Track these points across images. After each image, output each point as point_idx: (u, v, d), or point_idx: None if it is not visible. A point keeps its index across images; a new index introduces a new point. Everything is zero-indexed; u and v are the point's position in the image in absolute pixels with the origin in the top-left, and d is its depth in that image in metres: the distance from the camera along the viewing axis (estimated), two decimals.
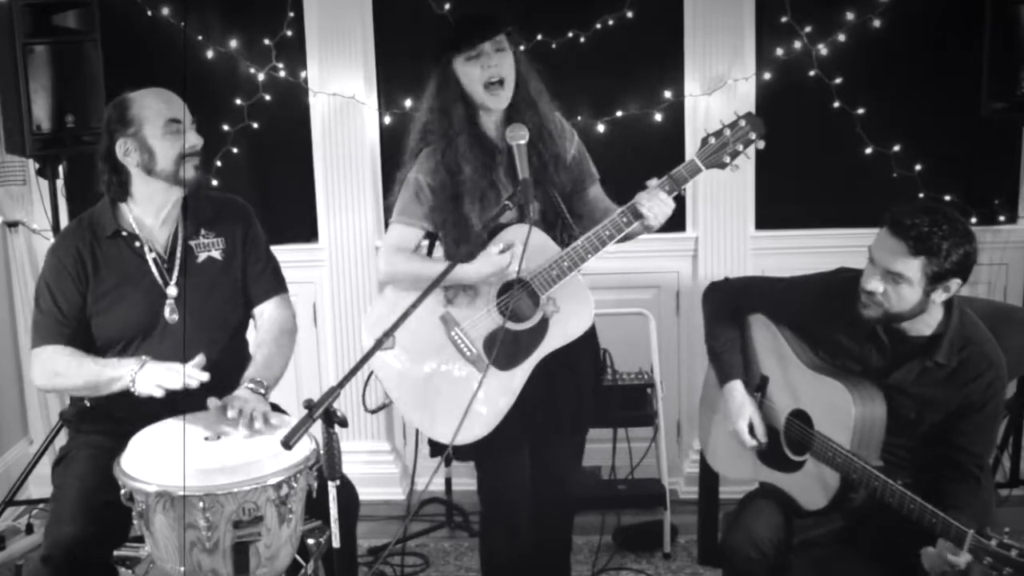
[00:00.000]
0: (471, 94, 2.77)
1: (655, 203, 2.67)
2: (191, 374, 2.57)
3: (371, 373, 2.91)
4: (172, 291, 2.78)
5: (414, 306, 2.31)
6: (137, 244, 2.79)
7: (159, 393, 2.59)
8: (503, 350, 2.77)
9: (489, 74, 2.72)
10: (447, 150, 2.78)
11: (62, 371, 2.72)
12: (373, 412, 3.00)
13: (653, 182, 2.70)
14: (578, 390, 2.94)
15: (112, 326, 2.76)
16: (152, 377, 2.60)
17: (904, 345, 2.65)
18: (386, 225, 4.19)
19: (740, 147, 2.69)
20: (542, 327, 2.78)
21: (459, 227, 2.78)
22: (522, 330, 2.78)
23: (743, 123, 2.69)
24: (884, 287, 2.53)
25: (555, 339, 2.78)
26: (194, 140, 2.76)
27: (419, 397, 2.86)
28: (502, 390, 2.78)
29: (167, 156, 2.72)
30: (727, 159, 2.70)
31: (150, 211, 2.80)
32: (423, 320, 2.80)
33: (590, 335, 2.94)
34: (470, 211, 2.77)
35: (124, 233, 2.79)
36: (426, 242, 2.94)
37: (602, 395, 3.14)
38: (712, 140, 2.70)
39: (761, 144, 2.71)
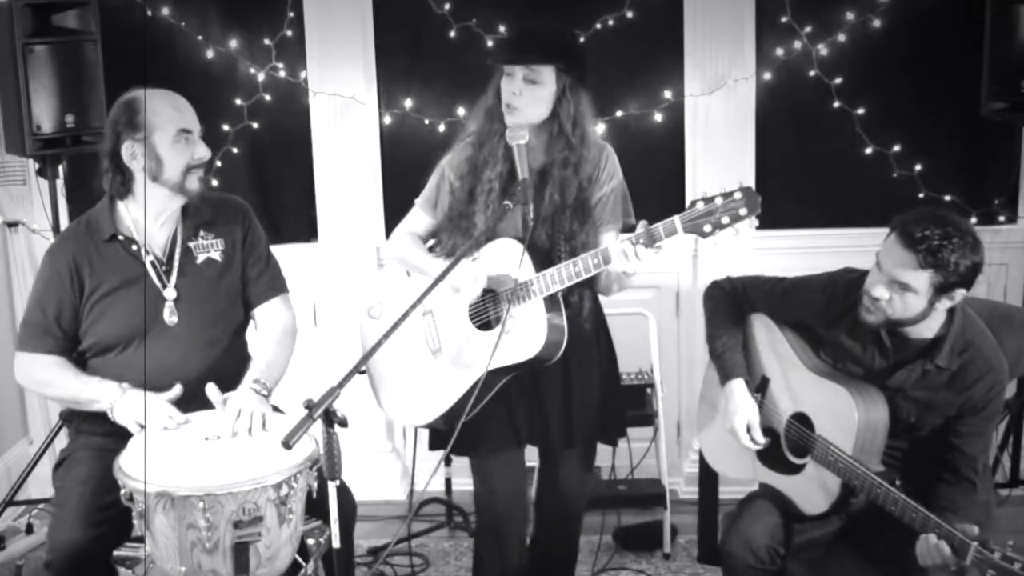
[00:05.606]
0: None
1: (624, 257, 2.55)
2: (169, 414, 2.59)
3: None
4: (171, 293, 2.77)
5: (413, 306, 2.31)
6: (134, 247, 2.77)
7: (136, 429, 2.59)
8: (461, 352, 2.80)
9: (507, 99, 2.72)
10: (478, 146, 2.82)
11: (45, 381, 2.74)
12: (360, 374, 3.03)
13: (641, 226, 2.55)
14: (587, 402, 2.90)
15: (110, 329, 2.75)
16: (130, 411, 2.60)
17: (906, 347, 2.63)
18: (386, 225, 4.23)
19: (726, 220, 2.48)
20: (498, 340, 2.68)
21: (463, 226, 2.80)
22: (483, 337, 2.77)
23: (738, 196, 2.49)
24: (890, 294, 2.50)
25: (503, 355, 2.70)
26: (203, 152, 2.73)
27: (384, 373, 2.94)
28: (453, 387, 2.81)
29: (175, 166, 2.70)
30: (708, 228, 2.49)
31: (150, 213, 2.77)
32: (406, 304, 2.80)
33: (605, 347, 2.95)
34: (479, 213, 2.78)
35: (121, 237, 2.77)
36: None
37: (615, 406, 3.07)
38: (700, 205, 2.51)
39: (753, 223, 2.52)
